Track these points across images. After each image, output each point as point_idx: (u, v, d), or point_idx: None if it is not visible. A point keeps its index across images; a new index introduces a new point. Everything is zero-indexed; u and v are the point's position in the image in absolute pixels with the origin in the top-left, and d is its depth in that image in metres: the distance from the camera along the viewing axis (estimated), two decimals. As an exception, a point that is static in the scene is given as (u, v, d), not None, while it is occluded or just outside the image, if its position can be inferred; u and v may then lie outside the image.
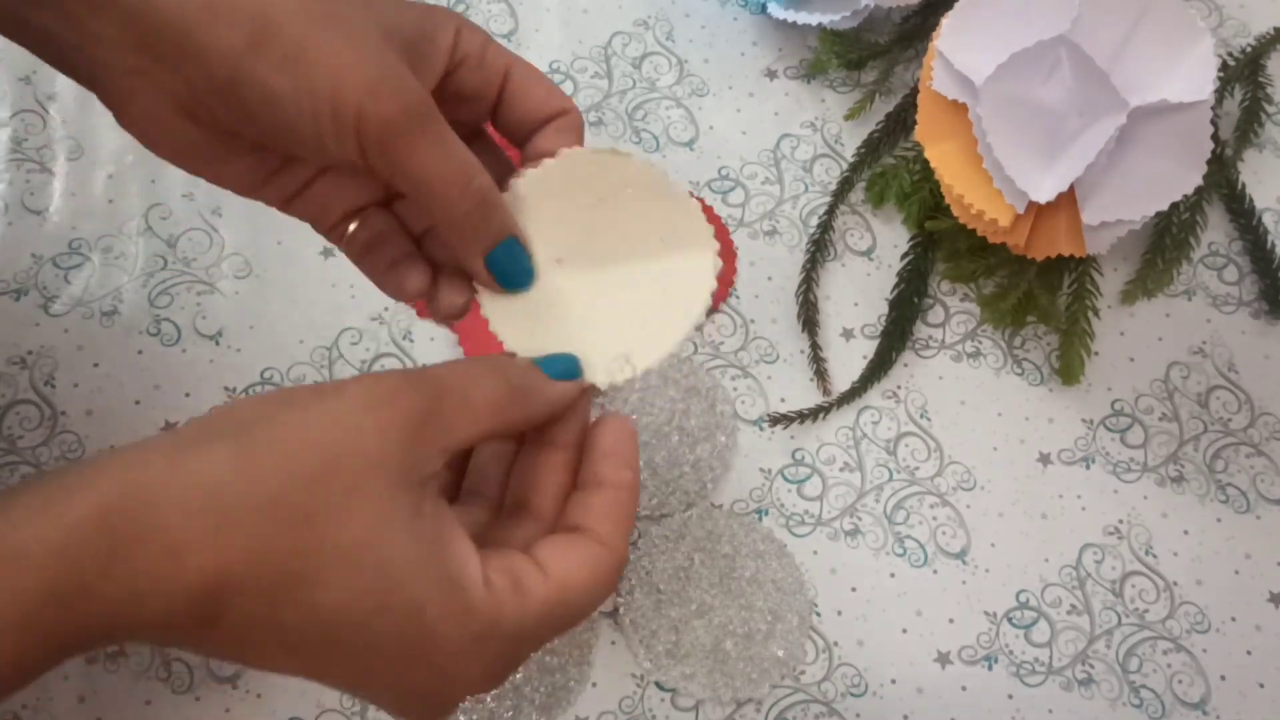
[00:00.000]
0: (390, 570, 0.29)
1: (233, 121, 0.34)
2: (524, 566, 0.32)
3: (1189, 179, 0.53)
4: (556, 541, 0.33)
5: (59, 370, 0.52)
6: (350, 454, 0.30)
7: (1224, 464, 0.56)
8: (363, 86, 0.32)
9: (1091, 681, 0.51)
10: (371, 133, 0.32)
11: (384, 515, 0.29)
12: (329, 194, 0.39)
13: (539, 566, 0.32)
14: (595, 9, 0.65)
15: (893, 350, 0.57)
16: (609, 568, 0.33)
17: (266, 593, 0.28)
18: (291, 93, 0.32)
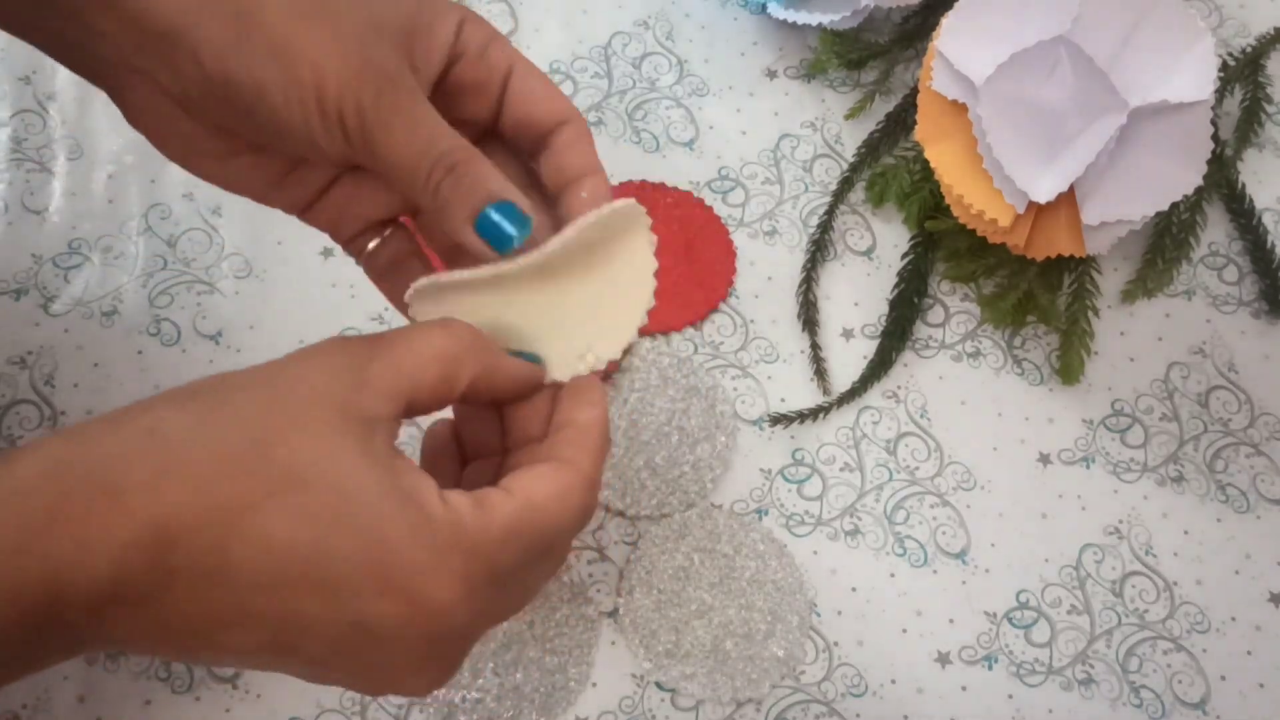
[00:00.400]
0: (341, 489, 0.28)
1: (228, 118, 0.34)
2: (484, 491, 0.31)
3: (1189, 179, 0.53)
4: (522, 469, 0.32)
5: (59, 370, 0.52)
6: (294, 392, 0.29)
7: (1224, 464, 0.56)
8: (344, 75, 0.32)
9: (1091, 681, 0.51)
10: (351, 121, 0.33)
11: (331, 441, 0.29)
12: (345, 202, 0.38)
13: (503, 489, 0.31)
14: (595, 9, 0.65)
15: (893, 350, 0.57)
16: (576, 485, 0.32)
17: (215, 528, 0.28)
18: (278, 85, 0.32)
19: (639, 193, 0.59)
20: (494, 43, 0.36)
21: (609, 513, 0.52)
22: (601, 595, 0.50)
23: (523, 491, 0.31)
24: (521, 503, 0.31)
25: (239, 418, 0.29)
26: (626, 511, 0.52)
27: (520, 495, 0.31)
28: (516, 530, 0.31)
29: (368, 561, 0.28)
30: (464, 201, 0.34)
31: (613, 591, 0.50)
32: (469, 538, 0.30)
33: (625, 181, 0.60)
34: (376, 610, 0.29)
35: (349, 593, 0.28)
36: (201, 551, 0.28)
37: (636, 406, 0.54)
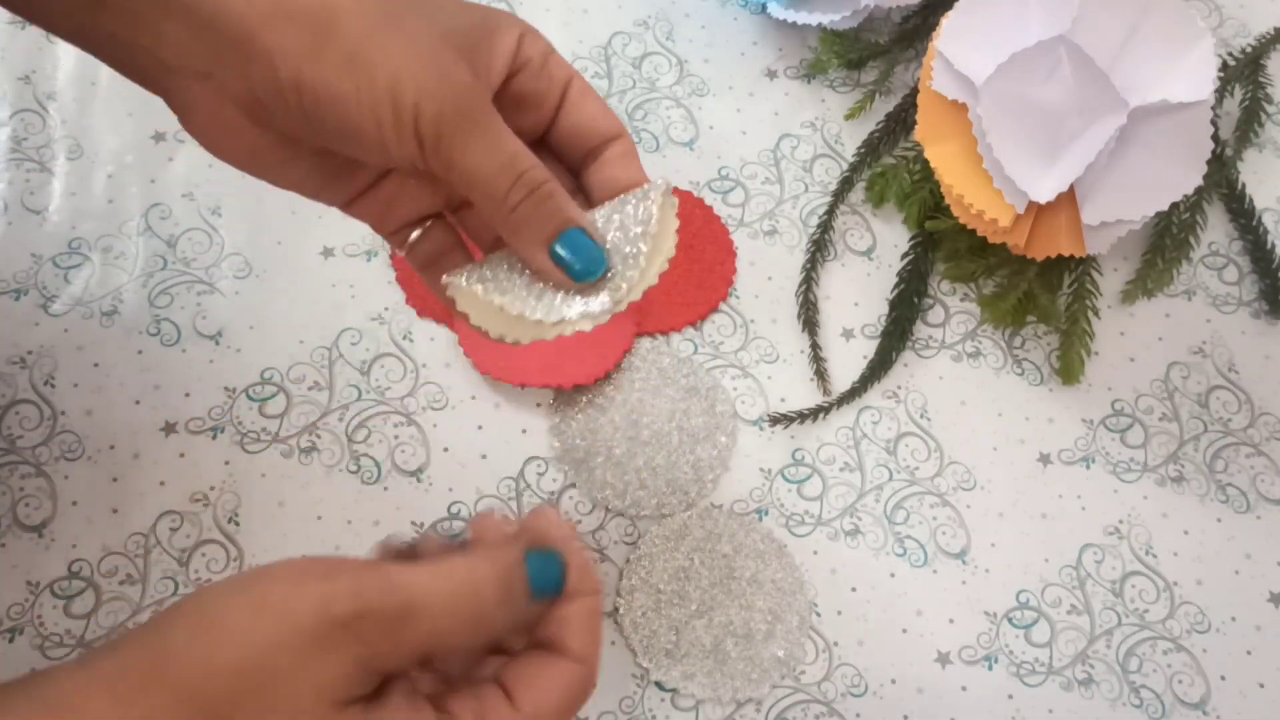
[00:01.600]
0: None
1: (296, 125, 0.34)
2: (492, 701, 0.32)
3: (1189, 179, 0.53)
4: (527, 664, 0.33)
5: (59, 370, 0.52)
6: (282, 686, 0.29)
7: (1224, 464, 0.56)
8: (420, 86, 0.32)
9: (1091, 681, 0.51)
10: (428, 131, 0.33)
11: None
12: (391, 198, 0.39)
13: (508, 698, 0.32)
14: (595, 9, 0.65)
15: (893, 350, 0.57)
16: (581, 686, 0.33)
17: None
18: (353, 93, 0.32)
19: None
20: (552, 56, 0.37)
21: (609, 513, 0.52)
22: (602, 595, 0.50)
23: (529, 704, 0.32)
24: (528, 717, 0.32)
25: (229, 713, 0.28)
26: (626, 511, 0.52)
27: (526, 710, 0.32)
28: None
29: None
30: (542, 226, 0.34)
31: (613, 591, 0.50)
32: None
33: (625, 181, 0.60)
34: None
35: None
36: None
37: (636, 406, 0.54)
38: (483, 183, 0.34)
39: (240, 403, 0.52)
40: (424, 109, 0.32)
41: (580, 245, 0.35)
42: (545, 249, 0.35)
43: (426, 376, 0.54)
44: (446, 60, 0.33)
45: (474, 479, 0.52)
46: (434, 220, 0.40)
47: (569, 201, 0.35)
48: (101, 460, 0.50)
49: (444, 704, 0.31)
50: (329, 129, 0.34)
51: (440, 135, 0.33)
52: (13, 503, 0.49)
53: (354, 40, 0.32)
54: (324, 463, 0.51)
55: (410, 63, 0.32)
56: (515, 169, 0.34)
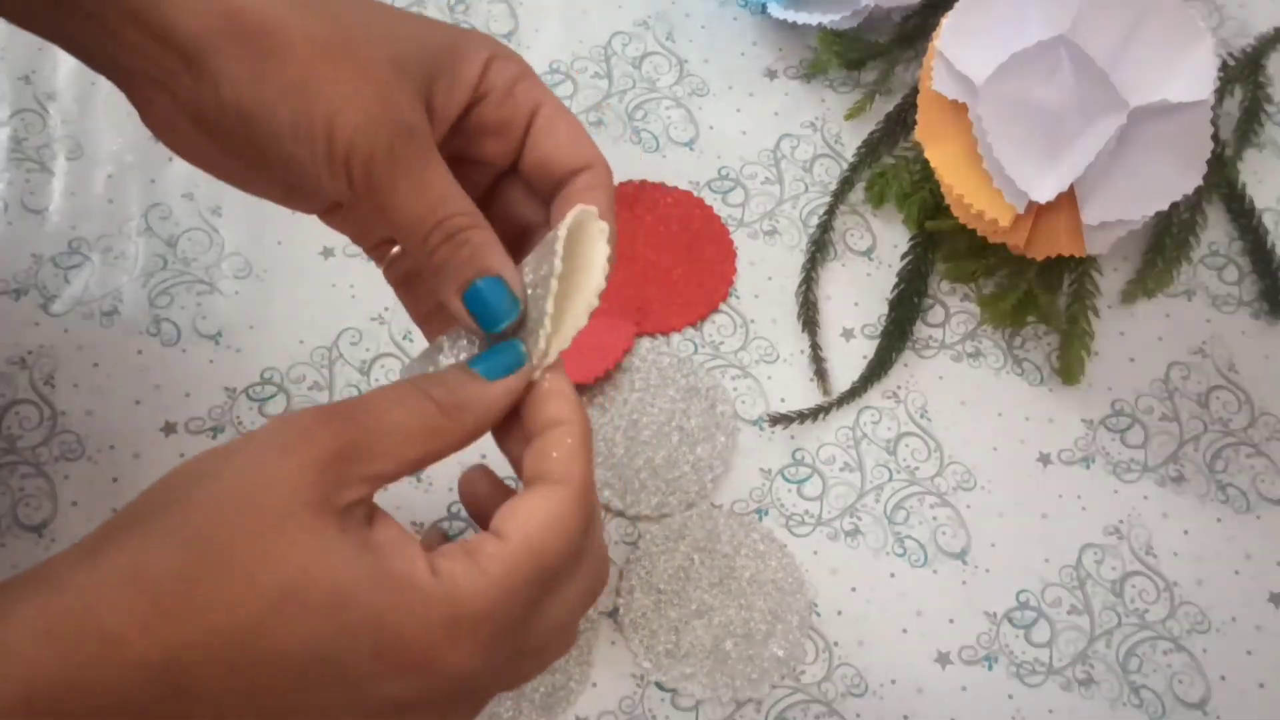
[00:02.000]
0: (334, 592, 0.29)
1: (238, 147, 0.34)
2: (478, 541, 0.31)
3: (1189, 179, 0.53)
4: (508, 505, 0.32)
5: (59, 370, 0.52)
6: (265, 502, 0.29)
7: (1224, 464, 0.56)
8: (357, 122, 0.32)
9: (1091, 681, 0.51)
10: (358, 170, 0.32)
11: (312, 545, 0.29)
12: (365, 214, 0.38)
13: (495, 534, 0.31)
14: (595, 9, 0.65)
15: (893, 350, 0.57)
16: (567, 502, 0.31)
17: (225, 656, 0.28)
18: (290, 124, 0.32)
19: (639, 192, 0.59)
20: (522, 82, 0.36)
21: (609, 513, 0.52)
22: (601, 595, 0.50)
23: (516, 532, 0.31)
24: (516, 546, 0.31)
25: (217, 542, 0.28)
26: (626, 511, 0.52)
27: (514, 537, 0.31)
28: (516, 578, 0.30)
29: (378, 652, 0.29)
30: (458, 272, 0.34)
31: (613, 591, 0.50)
32: (468, 604, 0.30)
33: (625, 181, 0.60)
34: (398, 689, 0.30)
35: (368, 681, 0.29)
36: (217, 678, 0.28)
37: (636, 406, 0.54)
38: (406, 226, 0.33)
39: (240, 403, 0.52)
40: (357, 147, 0.32)
41: (489, 294, 0.34)
42: (458, 295, 0.34)
43: (426, 376, 0.54)
44: (392, 95, 0.32)
45: (474, 479, 0.52)
46: None
47: (491, 249, 0.34)
48: (101, 460, 0.50)
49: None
50: (270, 157, 0.33)
51: (370, 175, 0.32)
52: (13, 503, 0.49)
53: (299, 67, 0.32)
54: (324, 463, 0.51)
55: (352, 97, 0.32)
56: (436, 214, 0.33)
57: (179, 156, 0.37)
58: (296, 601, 0.28)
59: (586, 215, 0.34)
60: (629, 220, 0.58)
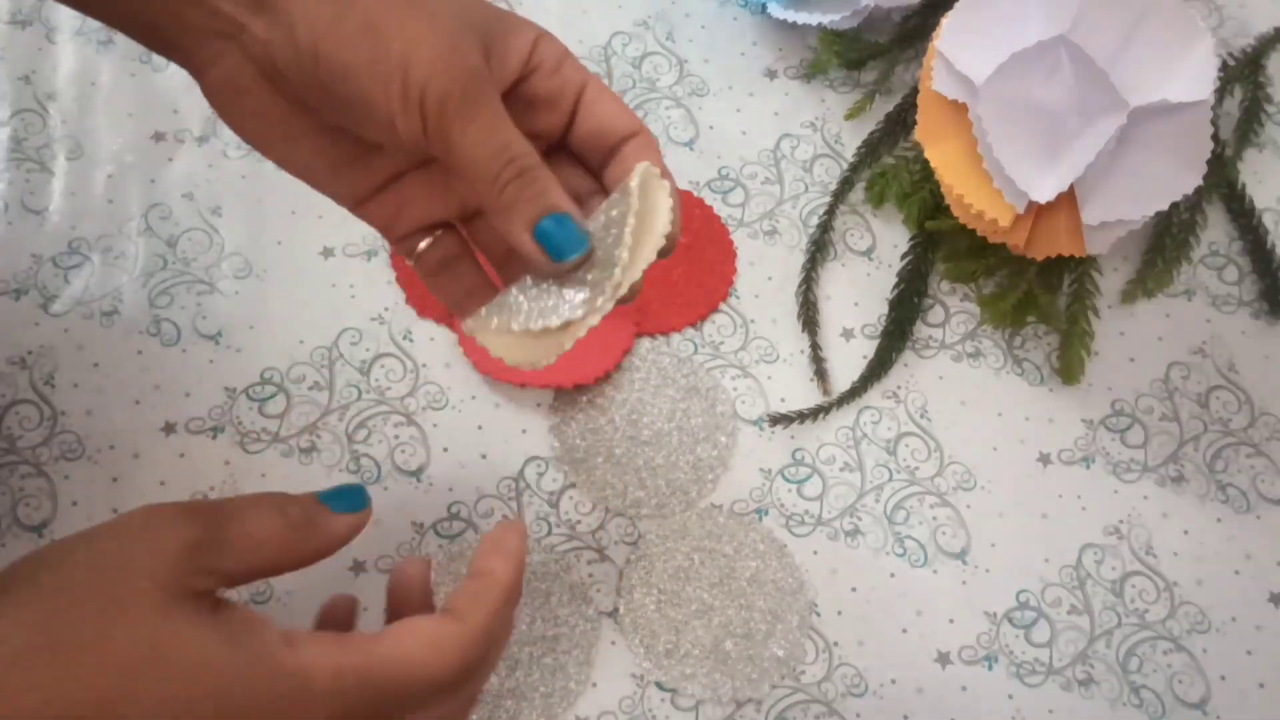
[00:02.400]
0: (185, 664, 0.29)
1: (311, 93, 0.35)
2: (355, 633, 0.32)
3: (1189, 179, 0.53)
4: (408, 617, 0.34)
5: (59, 370, 0.52)
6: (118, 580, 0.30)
7: (1224, 464, 0.56)
8: (431, 63, 0.33)
9: (1091, 681, 0.51)
10: (432, 108, 0.33)
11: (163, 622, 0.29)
12: (402, 201, 0.39)
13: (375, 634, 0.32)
14: (595, 9, 0.65)
15: (893, 350, 0.57)
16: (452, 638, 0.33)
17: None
18: (367, 64, 0.33)
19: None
20: (568, 60, 0.38)
21: (609, 513, 0.52)
22: (601, 595, 0.50)
23: (393, 638, 0.32)
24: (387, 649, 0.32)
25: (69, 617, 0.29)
26: (626, 511, 0.52)
27: (388, 641, 0.32)
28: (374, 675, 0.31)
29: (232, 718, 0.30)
30: (527, 207, 0.35)
31: (613, 591, 0.50)
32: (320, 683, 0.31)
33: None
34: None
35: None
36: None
37: (636, 406, 0.54)
38: (476, 164, 0.34)
39: (240, 403, 0.52)
40: (431, 86, 0.33)
41: (560, 224, 0.35)
42: (529, 230, 0.35)
43: (426, 376, 0.54)
44: (460, 43, 0.34)
45: (474, 479, 0.52)
46: (444, 230, 0.40)
47: (556, 189, 0.36)
48: (101, 460, 0.50)
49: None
50: (341, 99, 0.34)
51: (443, 114, 0.33)
52: (13, 503, 0.49)
53: (373, 12, 0.33)
54: (324, 463, 0.51)
55: (425, 40, 0.33)
56: (508, 153, 0.34)
57: (235, 129, 0.37)
58: (147, 675, 0.29)
59: (650, 171, 0.37)
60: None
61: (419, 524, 0.51)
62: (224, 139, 0.59)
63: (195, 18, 0.34)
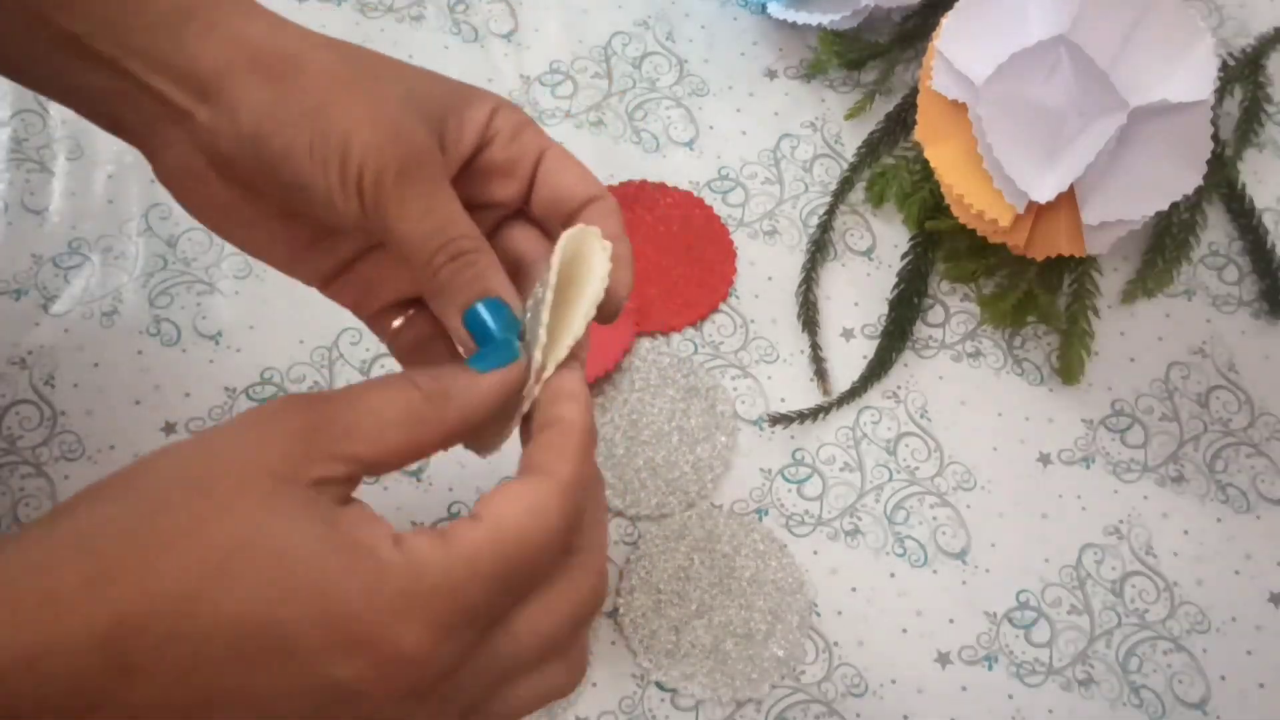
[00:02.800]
0: (281, 555, 0.27)
1: (255, 175, 0.35)
2: (453, 524, 0.30)
3: (1189, 179, 0.53)
4: (489, 493, 0.31)
5: (59, 370, 0.52)
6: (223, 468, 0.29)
7: (1224, 464, 0.56)
8: (369, 143, 0.33)
9: (1091, 681, 0.51)
10: (368, 185, 0.33)
11: (264, 510, 0.28)
12: (368, 278, 0.39)
13: (473, 517, 0.30)
14: (595, 9, 0.65)
15: (893, 350, 0.57)
16: (549, 494, 0.30)
17: (165, 620, 0.27)
18: (306, 146, 0.33)
19: (639, 192, 0.59)
20: (528, 129, 0.37)
21: (609, 513, 0.52)
22: (601, 595, 0.50)
23: (491, 516, 0.30)
24: (488, 529, 0.29)
25: (169, 505, 0.28)
26: (626, 511, 0.52)
27: (487, 521, 0.29)
28: (483, 561, 0.29)
29: (324, 623, 0.27)
30: (459, 292, 0.34)
31: (613, 591, 0.50)
32: (429, 580, 0.28)
33: (626, 181, 0.60)
34: (345, 671, 0.28)
35: (313, 658, 0.27)
36: (156, 645, 0.27)
37: (636, 406, 0.54)
38: (411, 244, 0.33)
39: (240, 403, 0.52)
40: (368, 166, 0.32)
41: (490, 314, 0.34)
42: (459, 315, 0.34)
43: (426, 376, 0.54)
44: (404, 122, 0.33)
45: (474, 479, 0.52)
46: (415, 309, 0.39)
47: (493, 272, 0.34)
48: (101, 460, 0.50)
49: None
50: (283, 183, 0.34)
51: (379, 193, 0.33)
52: (13, 503, 0.49)
53: (316, 94, 0.33)
54: (324, 463, 0.51)
55: (367, 120, 0.33)
56: (443, 235, 0.33)
57: (191, 214, 0.37)
58: (240, 564, 0.27)
59: (587, 233, 0.35)
60: (629, 220, 0.58)
61: (419, 524, 0.51)
62: (224, 139, 0.59)
63: (143, 103, 0.34)
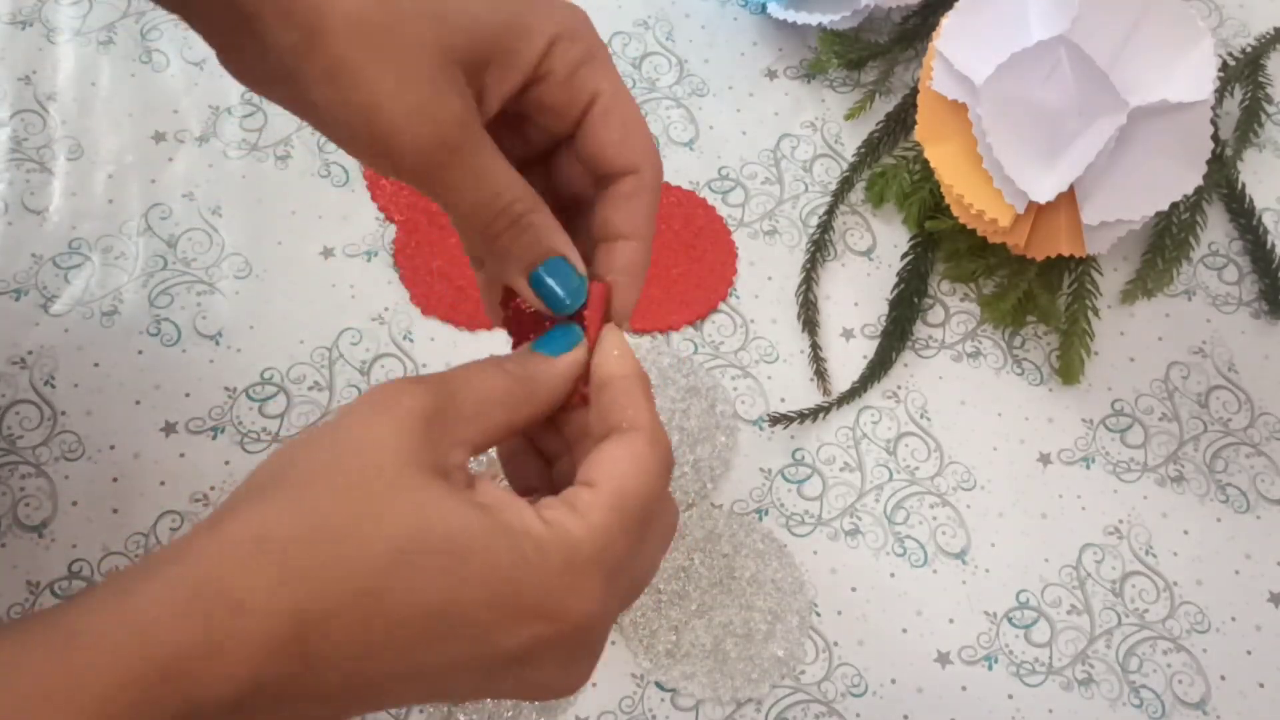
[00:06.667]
0: (451, 545, 0.29)
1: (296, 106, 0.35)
2: (573, 493, 0.32)
3: (1189, 179, 0.53)
4: (590, 458, 0.33)
5: (59, 370, 0.52)
6: (375, 462, 0.29)
7: (1224, 464, 0.56)
8: (399, 114, 0.31)
9: (1091, 681, 0.51)
10: (406, 161, 0.32)
11: (424, 501, 0.29)
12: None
13: (587, 485, 0.32)
14: (595, 9, 0.64)
15: (893, 350, 0.57)
16: (645, 446, 0.32)
17: (347, 614, 0.28)
18: (332, 106, 0.32)
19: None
20: (585, 66, 0.34)
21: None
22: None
23: (606, 481, 0.32)
24: (610, 493, 0.31)
25: (334, 504, 0.29)
26: (626, 511, 0.52)
27: (605, 486, 0.31)
28: (616, 523, 0.31)
29: (500, 601, 0.29)
30: (520, 257, 0.34)
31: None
32: (580, 549, 0.30)
33: (625, 181, 0.60)
34: (523, 637, 0.30)
35: (494, 631, 0.29)
36: (343, 642, 0.28)
37: (636, 406, 0.54)
38: (465, 215, 0.33)
39: (240, 403, 0.52)
40: (401, 140, 0.31)
41: (557, 275, 0.34)
42: (524, 278, 0.35)
43: (426, 376, 0.54)
44: (433, 86, 0.32)
45: (474, 479, 0.52)
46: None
47: (552, 230, 0.34)
48: (101, 460, 0.50)
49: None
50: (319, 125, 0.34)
51: (419, 167, 0.32)
52: (13, 503, 0.49)
53: (338, 51, 0.31)
54: (324, 463, 0.51)
55: (391, 87, 0.31)
56: (498, 202, 0.33)
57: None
58: (416, 556, 0.28)
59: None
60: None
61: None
62: (224, 139, 0.59)
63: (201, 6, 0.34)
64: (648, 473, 0.32)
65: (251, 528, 0.28)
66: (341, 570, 0.28)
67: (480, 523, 0.29)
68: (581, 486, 0.32)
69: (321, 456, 0.30)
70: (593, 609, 0.30)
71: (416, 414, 0.30)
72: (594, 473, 0.32)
